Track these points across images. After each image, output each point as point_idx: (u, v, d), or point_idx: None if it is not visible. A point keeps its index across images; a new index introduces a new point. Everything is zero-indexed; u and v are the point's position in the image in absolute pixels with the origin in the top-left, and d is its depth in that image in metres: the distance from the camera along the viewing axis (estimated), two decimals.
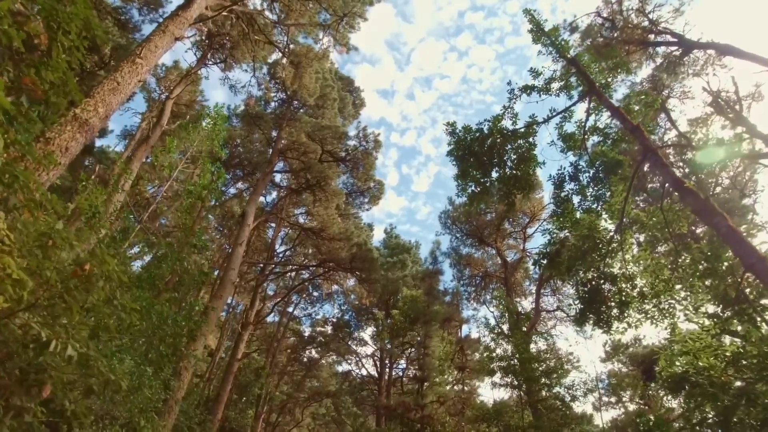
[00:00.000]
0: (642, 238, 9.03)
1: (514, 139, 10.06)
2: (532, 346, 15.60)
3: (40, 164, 5.52)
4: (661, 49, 15.68)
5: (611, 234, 7.96)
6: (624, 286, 8.00)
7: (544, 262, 8.83)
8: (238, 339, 23.24)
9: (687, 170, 16.71)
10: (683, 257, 8.04)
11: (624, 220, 7.72)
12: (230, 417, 21.61)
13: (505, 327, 17.27)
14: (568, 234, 8.72)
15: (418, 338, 25.74)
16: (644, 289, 7.78)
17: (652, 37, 14.78)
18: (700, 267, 7.77)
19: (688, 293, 7.74)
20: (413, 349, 27.75)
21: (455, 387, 25.54)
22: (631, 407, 24.81)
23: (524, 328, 16.33)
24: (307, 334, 35.26)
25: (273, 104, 28.92)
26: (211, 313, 16.68)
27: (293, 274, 32.87)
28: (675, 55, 15.29)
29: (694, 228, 16.25)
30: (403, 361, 30.35)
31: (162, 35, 12.11)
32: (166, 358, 6.83)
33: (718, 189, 17.65)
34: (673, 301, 7.75)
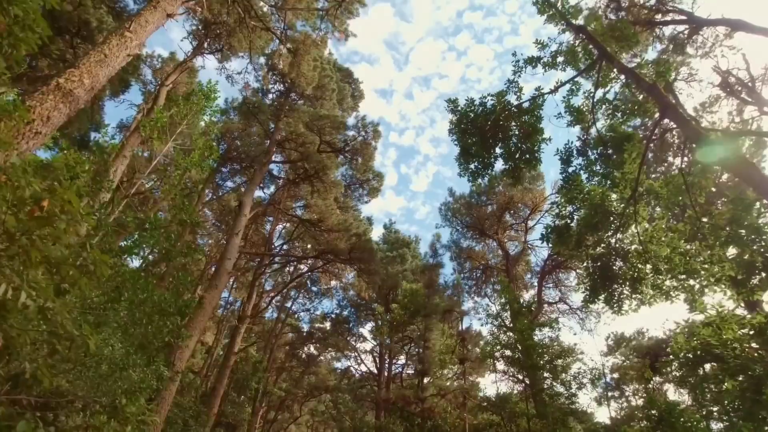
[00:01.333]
0: (657, 212, 8.59)
1: (519, 115, 9.64)
2: (535, 338, 15.21)
3: (9, 117, 5.07)
4: (668, 31, 15.27)
5: (624, 206, 7.53)
6: (636, 262, 7.59)
7: (552, 236, 8.40)
8: (235, 332, 22.81)
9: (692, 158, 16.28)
10: (703, 225, 7.61)
11: (638, 190, 7.32)
12: (227, 411, 21.17)
13: (506, 316, 16.86)
14: (576, 208, 8.31)
15: (418, 332, 25.35)
16: (659, 263, 7.37)
17: (659, 17, 14.38)
18: (722, 234, 7.37)
19: (708, 263, 7.32)
20: (413, 344, 27.36)
21: (456, 382, 25.14)
22: (634, 401, 24.44)
23: (525, 321, 15.91)
24: (305, 330, 34.88)
25: (271, 96, 28.54)
26: (205, 303, 16.26)
27: (291, 268, 32.47)
28: (682, 37, 14.89)
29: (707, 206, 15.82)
30: (402, 357, 29.97)
31: (153, 10, 11.70)
32: (152, 335, 6.41)
33: (725, 177, 17.27)
34: (692, 272, 7.35)
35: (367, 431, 22.14)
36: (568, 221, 8.29)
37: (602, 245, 8.06)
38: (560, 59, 10.03)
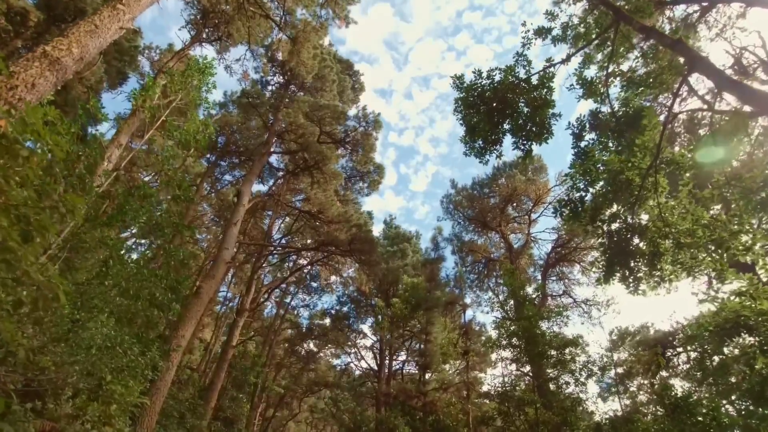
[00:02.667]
0: (679, 181, 8.13)
1: (528, 91, 9.23)
2: (542, 327, 14.79)
3: None
4: (678, 13, 14.89)
5: (642, 176, 7.09)
6: (655, 236, 7.16)
7: (565, 211, 7.96)
8: (233, 325, 22.39)
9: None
10: (733, 189, 7.18)
11: (659, 157, 6.89)
12: (224, 406, 20.75)
13: (511, 306, 16.43)
14: (591, 181, 7.89)
15: (419, 326, 24.92)
16: (680, 236, 6.94)
17: None
18: (755, 198, 6.94)
19: (737, 232, 6.90)
20: (414, 339, 26.95)
21: (458, 377, 24.72)
22: (639, 397, 24.00)
23: (532, 307, 15.47)
24: (304, 326, 34.48)
25: (270, 88, 28.21)
26: (202, 293, 15.84)
27: (291, 263, 32.06)
28: (693, 17, 14.53)
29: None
30: (403, 354, 29.56)
31: None
32: (141, 309, 5.99)
33: (735, 164, 16.89)
34: (719, 243, 6.90)
35: (366, 428, 21.71)
36: (583, 194, 7.90)
37: (619, 220, 7.66)
38: (570, 33, 9.64)
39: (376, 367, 28.33)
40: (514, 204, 26.39)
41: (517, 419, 13.48)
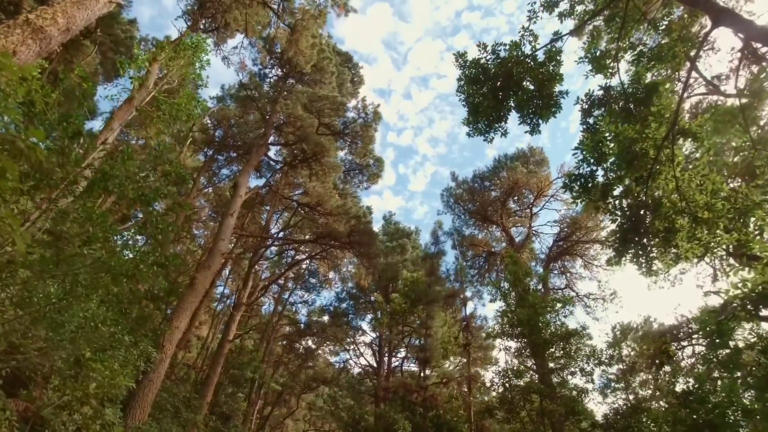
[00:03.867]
0: (695, 154, 7.75)
1: (533, 68, 8.87)
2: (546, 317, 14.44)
3: None
4: None
5: (657, 147, 6.71)
6: (670, 212, 6.79)
7: (575, 186, 7.59)
8: (230, 320, 21.99)
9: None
10: (759, 155, 6.83)
11: (677, 125, 6.52)
12: (220, 401, 20.35)
13: (513, 297, 16.06)
14: (601, 155, 7.51)
15: (418, 321, 24.53)
16: (697, 211, 6.56)
17: None
18: None
19: (762, 200, 6.54)
20: (414, 335, 26.58)
21: (459, 370, 24.34)
22: (641, 393, 23.64)
23: (537, 295, 15.08)
24: (303, 323, 34.07)
25: (269, 80, 27.84)
26: (197, 284, 15.45)
27: (289, 259, 31.65)
28: None
29: None
30: (402, 350, 29.18)
31: None
32: (131, 294, 5.62)
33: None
34: (742, 214, 6.54)
35: (365, 423, 21.31)
36: (594, 168, 7.53)
37: (631, 196, 7.29)
38: (579, 8, 9.30)
39: (375, 364, 27.95)
40: (516, 197, 26.04)
41: (521, 409, 13.11)
